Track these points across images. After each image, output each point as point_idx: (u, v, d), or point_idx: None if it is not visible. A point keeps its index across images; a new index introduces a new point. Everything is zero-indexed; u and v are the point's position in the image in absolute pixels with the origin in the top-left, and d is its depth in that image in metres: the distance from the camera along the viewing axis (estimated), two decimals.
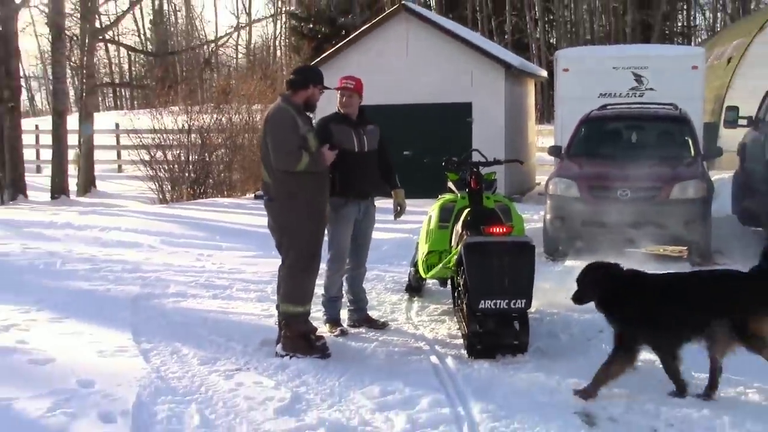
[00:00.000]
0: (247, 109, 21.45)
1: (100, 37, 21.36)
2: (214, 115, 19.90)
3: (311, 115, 6.96)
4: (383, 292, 8.97)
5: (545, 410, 5.34)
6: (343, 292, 7.43)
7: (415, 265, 8.33)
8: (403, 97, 18.11)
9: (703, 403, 5.42)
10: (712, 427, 5.11)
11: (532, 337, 6.69)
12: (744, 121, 13.09)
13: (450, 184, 8.26)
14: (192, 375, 6.04)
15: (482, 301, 6.20)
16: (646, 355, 6.10)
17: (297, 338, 6.45)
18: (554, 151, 12.48)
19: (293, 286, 6.51)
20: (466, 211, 7.44)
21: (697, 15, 50.37)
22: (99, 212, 15.81)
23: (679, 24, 48.17)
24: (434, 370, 6.20)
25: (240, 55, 47.88)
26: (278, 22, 50.82)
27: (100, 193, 20.82)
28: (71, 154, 21.22)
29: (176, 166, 18.56)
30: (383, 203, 7.66)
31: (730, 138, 14.89)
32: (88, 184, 20.75)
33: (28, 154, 23.51)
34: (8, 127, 18.83)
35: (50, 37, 19.86)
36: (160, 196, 18.60)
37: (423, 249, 7.92)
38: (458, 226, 7.41)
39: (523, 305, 6.32)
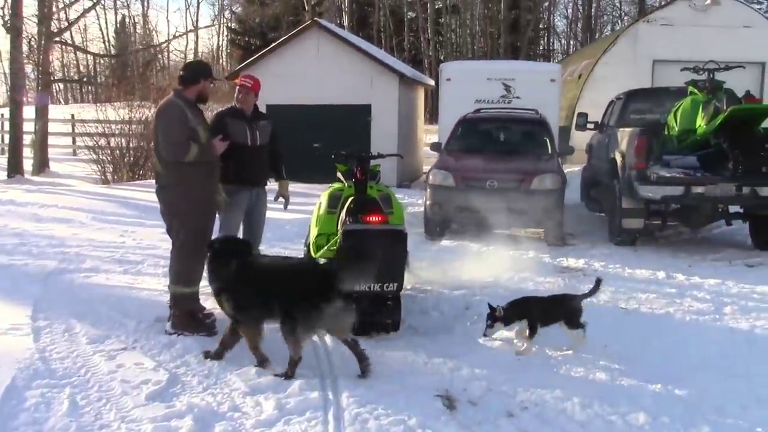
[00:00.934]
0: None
1: (56, 39, 19.53)
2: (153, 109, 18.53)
3: (208, 107, 5.94)
4: None
5: (410, 393, 4.44)
6: None
7: (307, 245, 7.33)
8: (314, 98, 17.07)
9: (556, 385, 4.61)
10: (563, 409, 4.32)
11: (404, 316, 5.82)
12: (591, 125, 12.68)
13: (339, 175, 7.27)
14: (76, 355, 4.94)
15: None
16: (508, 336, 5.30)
17: (185, 316, 5.39)
18: (435, 146, 11.60)
19: (182, 268, 5.45)
20: (350, 199, 6.49)
21: (554, 41, 50.69)
22: (43, 190, 14.29)
23: (541, 47, 48.08)
24: (313, 350, 5.22)
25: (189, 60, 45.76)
26: (221, 35, 49.50)
27: (52, 174, 19.09)
28: (27, 139, 19.43)
29: (118, 151, 17.04)
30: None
31: (580, 139, 14.43)
32: (42, 165, 19.02)
33: None
34: None
35: (9, 37, 18.00)
36: (103, 178, 17.04)
37: (313, 232, 6.92)
38: (343, 213, 6.47)
39: (394, 288, 5.40)
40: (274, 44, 18.51)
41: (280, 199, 6.70)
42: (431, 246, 9.57)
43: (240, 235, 6.27)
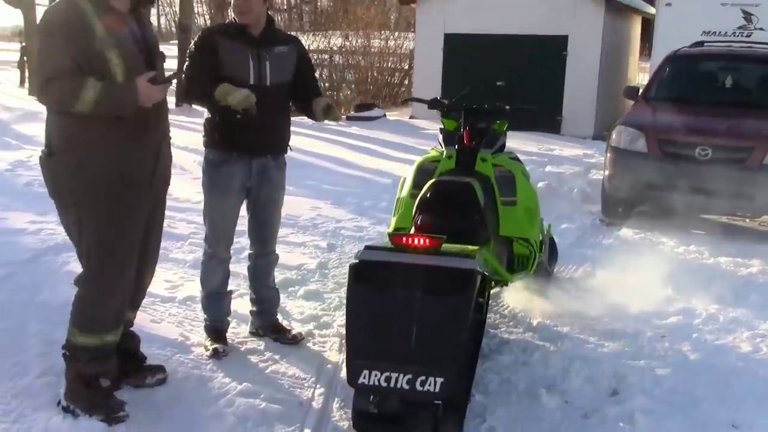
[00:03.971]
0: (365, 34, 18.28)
1: None
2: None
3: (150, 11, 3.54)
4: (338, 275, 5.06)
5: None
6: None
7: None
8: (500, 27, 14.18)
9: None
10: None
11: (499, 393, 3.26)
12: None
13: (440, 135, 4.66)
14: None
15: (364, 372, 2.68)
16: None
17: (80, 384, 3.08)
18: (629, 92, 8.43)
19: (83, 303, 3.08)
20: (429, 183, 3.92)
21: None
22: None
23: None
24: None
25: None
26: None
27: None
28: None
29: None
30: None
31: None
32: None
33: None
34: None
35: None
36: None
37: (392, 223, 4.45)
38: (414, 206, 3.94)
39: (438, 388, 2.62)
40: None
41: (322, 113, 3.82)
42: (604, 235, 6.70)
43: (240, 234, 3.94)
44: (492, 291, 4.04)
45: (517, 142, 11.76)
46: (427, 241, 2.80)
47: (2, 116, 13.47)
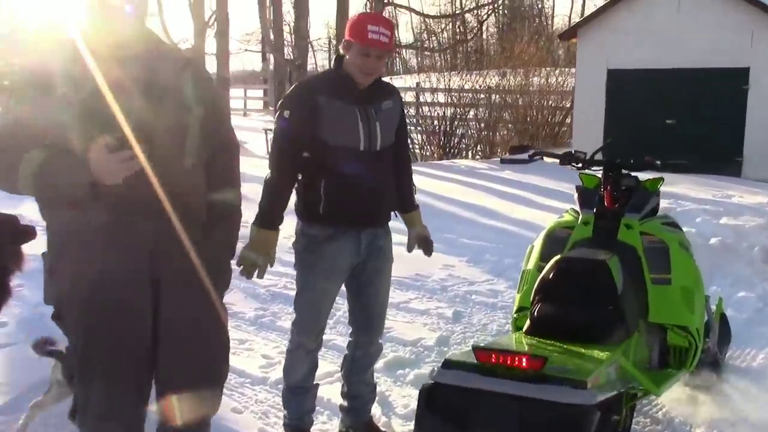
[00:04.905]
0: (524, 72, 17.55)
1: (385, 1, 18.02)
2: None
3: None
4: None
5: None
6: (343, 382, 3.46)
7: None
8: (670, 60, 13.01)
9: None
10: None
11: None
12: None
13: (576, 194, 3.89)
14: None
15: None
16: None
17: None
18: None
19: None
20: (554, 260, 3.17)
21: None
22: None
23: None
24: None
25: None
26: None
27: None
28: None
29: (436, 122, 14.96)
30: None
31: None
32: None
33: None
34: None
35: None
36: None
37: (516, 299, 3.73)
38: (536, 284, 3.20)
39: None
40: None
41: (416, 244, 3.44)
42: None
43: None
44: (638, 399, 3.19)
45: (687, 187, 10.58)
46: (525, 361, 2.08)
47: None
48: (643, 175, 3.91)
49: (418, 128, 15.09)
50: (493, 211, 8.92)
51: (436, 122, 14.97)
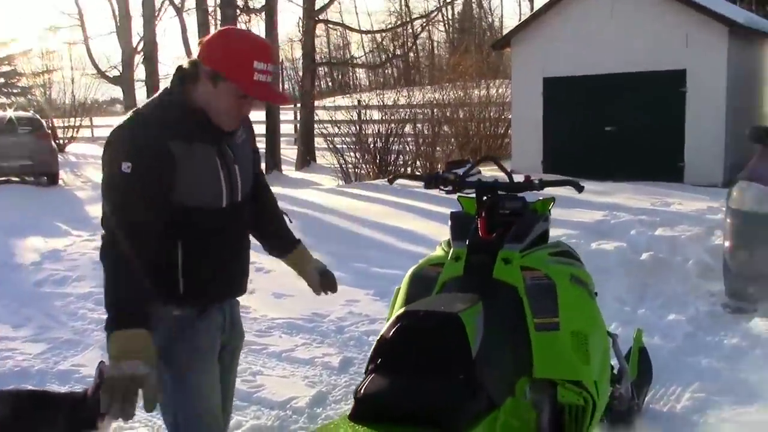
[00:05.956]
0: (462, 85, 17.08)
1: (317, 18, 17.43)
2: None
3: None
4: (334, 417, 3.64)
5: None
6: None
7: None
8: (605, 66, 12.59)
9: None
10: None
11: None
12: None
13: (450, 221, 3.24)
14: None
15: None
16: None
17: None
18: (756, 134, 6.60)
19: None
20: (396, 314, 2.50)
21: None
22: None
23: None
24: None
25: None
26: None
27: (316, 168, 17.11)
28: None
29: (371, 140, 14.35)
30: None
31: None
32: (305, 159, 17.23)
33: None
34: None
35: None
36: (343, 174, 14.39)
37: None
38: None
39: None
40: None
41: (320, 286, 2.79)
42: (726, 331, 4.94)
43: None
44: None
45: (625, 197, 10.07)
46: None
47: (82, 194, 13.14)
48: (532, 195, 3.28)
49: (351, 147, 14.46)
50: (416, 234, 8.22)
51: (370, 139, 14.34)
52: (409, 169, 15.13)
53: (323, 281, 2.79)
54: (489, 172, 13.55)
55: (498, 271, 2.82)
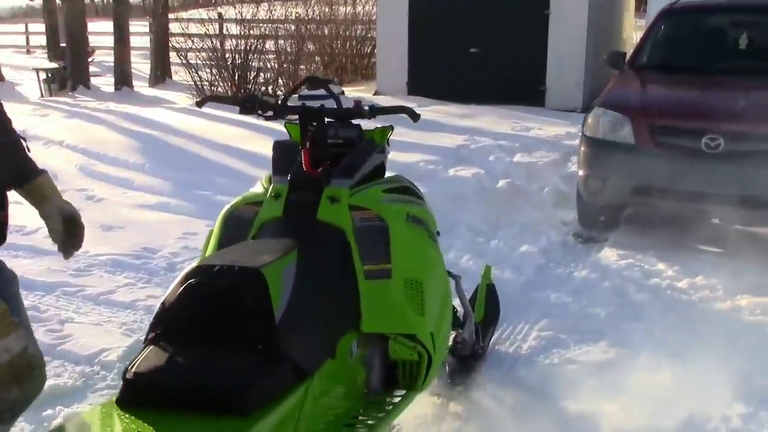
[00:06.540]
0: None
1: None
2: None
3: None
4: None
5: None
6: None
7: None
8: None
9: None
10: None
11: None
12: None
13: (274, 151, 2.82)
14: None
15: None
16: None
17: None
18: (614, 59, 6.49)
19: None
20: (185, 272, 2.06)
21: None
22: (113, 111, 11.01)
23: None
24: None
25: None
26: None
27: (172, 85, 15.98)
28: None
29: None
30: None
31: None
32: (162, 75, 16.14)
33: None
34: None
35: None
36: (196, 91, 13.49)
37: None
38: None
39: None
40: None
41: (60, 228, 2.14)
42: (577, 262, 4.84)
43: None
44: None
45: (488, 120, 9.93)
46: None
47: None
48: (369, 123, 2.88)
49: (207, 63, 13.54)
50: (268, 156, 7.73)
51: (228, 55, 13.45)
52: (270, 88, 14.44)
53: (66, 224, 2.16)
54: (354, 93, 13.10)
55: (323, 212, 2.44)
